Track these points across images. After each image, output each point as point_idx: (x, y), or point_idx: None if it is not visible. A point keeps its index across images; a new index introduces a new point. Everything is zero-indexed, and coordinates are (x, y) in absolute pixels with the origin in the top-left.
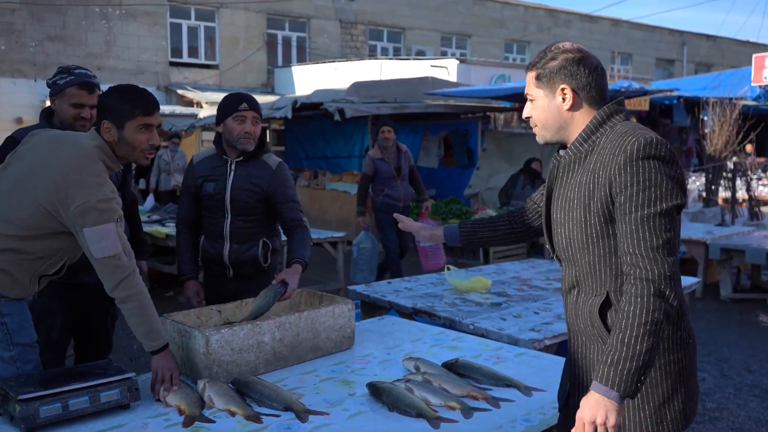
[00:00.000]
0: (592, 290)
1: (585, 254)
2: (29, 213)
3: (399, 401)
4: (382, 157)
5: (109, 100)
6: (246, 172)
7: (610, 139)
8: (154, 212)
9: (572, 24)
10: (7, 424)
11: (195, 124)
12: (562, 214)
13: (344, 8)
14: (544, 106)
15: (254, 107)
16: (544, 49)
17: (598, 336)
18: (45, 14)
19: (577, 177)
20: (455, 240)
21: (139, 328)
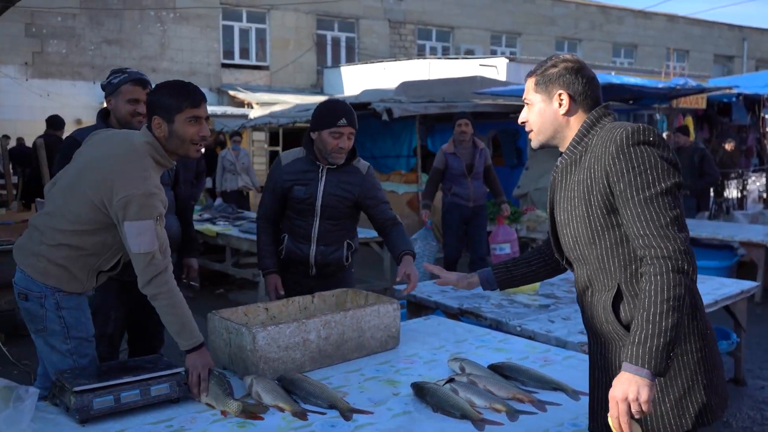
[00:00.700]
0: (603, 286)
1: (593, 249)
2: (80, 208)
3: (443, 402)
4: (455, 152)
5: (157, 96)
6: (337, 178)
7: (600, 137)
8: (205, 211)
9: (625, 20)
10: (63, 414)
11: (245, 124)
12: (565, 215)
13: (393, 8)
14: (540, 111)
15: (352, 123)
16: (546, 59)
17: (613, 332)
18: (103, 18)
19: (575, 177)
20: (492, 284)
21: (171, 326)
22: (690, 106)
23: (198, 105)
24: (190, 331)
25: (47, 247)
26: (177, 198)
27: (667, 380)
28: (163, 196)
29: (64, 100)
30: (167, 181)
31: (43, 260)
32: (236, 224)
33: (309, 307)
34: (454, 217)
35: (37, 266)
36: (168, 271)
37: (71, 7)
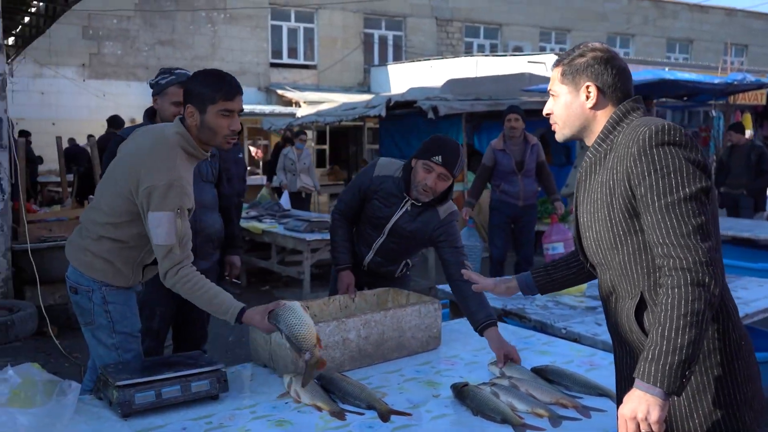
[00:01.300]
0: (627, 293)
1: (615, 255)
2: (115, 200)
3: (484, 405)
4: (504, 149)
5: (193, 84)
6: (415, 216)
7: (625, 134)
8: (253, 208)
9: (680, 15)
10: (107, 408)
11: (292, 123)
12: (587, 217)
13: (440, 6)
14: (566, 103)
15: (447, 164)
16: (571, 48)
17: (638, 342)
18: (156, 20)
19: (599, 177)
20: (531, 288)
21: (205, 308)
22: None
23: (232, 98)
24: (223, 311)
25: (91, 241)
26: (220, 195)
27: (696, 395)
28: (189, 189)
29: (119, 100)
30: (210, 178)
31: (89, 254)
32: (282, 222)
33: (350, 306)
34: (501, 215)
35: (84, 260)
36: (185, 265)
37: (126, 9)
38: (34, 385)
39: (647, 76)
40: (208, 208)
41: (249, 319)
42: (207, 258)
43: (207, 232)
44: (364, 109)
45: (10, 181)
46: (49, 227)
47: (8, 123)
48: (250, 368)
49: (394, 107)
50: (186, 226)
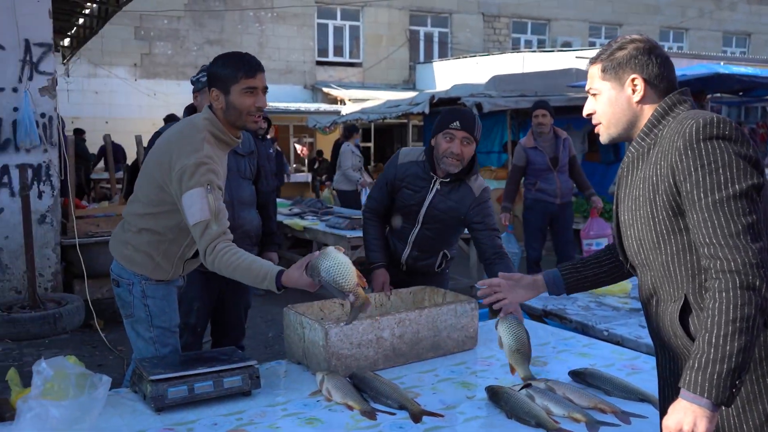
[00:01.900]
0: (669, 296)
1: (657, 255)
2: (150, 190)
3: (518, 408)
4: (536, 146)
5: (214, 67)
6: (447, 194)
7: (671, 128)
8: (295, 205)
9: (737, 7)
10: (141, 402)
11: (337, 120)
12: (629, 215)
13: (487, 1)
14: (611, 100)
15: (467, 128)
16: (608, 43)
17: (683, 347)
18: (205, 20)
19: (641, 173)
20: (559, 287)
21: (244, 280)
22: None
23: (253, 75)
24: (261, 280)
25: (132, 235)
26: (258, 192)
27: (746, 406)
28: (219, 170)
29: (170, 99)
30: (248, 175)
31: (130, 248)
32: (323, 219)
33: (385, 304)
34: (537, 214)
35: (125, 254)
36: (222, 239)
37: (176, 9)
38: (66, 377)
39: (700, 71)
40: (246, 205)
41: (288, 280)
42: None
43: (245, 229)
44: (408, 107)
45: (59, 178)
46: (96, 223)
47: (58, 121)
48: (284, 365)
49: (438, 104)
50: (219, 202)
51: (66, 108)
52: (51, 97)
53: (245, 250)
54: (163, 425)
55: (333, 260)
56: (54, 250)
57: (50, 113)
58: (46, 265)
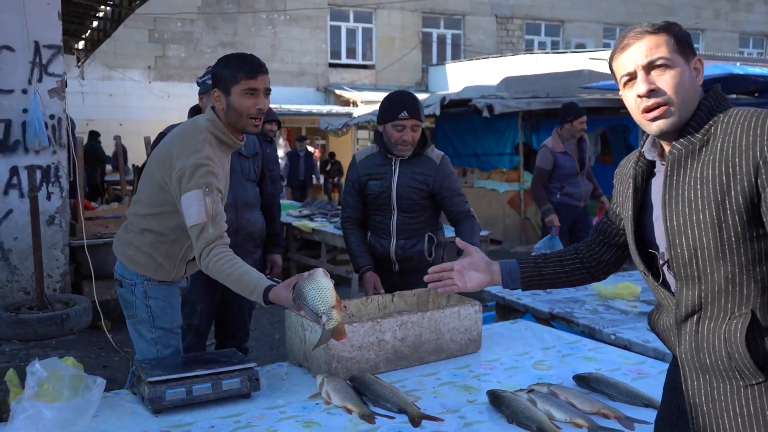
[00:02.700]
0: (725, 311)
1: (720, 266)
2: (152, 190)
3: (519, 413)
4: (565, 150)
5: (217, 68)
6: (410, 169)
7: (734, 123)
8: (305, 207)
9: (754, 7)
10: (139, 403)
11: (349, 122)
12: (680, 221)
13: (500, 3)
14: (686, 76)
15: (414, 114)
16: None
17: (734, 370)
18: (219, 23)
19: (695, 173)
20: (515, 280)
21: (235, 289)
22: None
23: (254, 76)
24: (250, 291)
25: (134, 235)
26: (262, 194)
27: None
28: (219, 172)
29: (183, 101)
30: (253, 177)
31: (132, 248)
32: (332, 221)
33: (388, 306)
34: (563, 218)
35: (127, 254)
36: (218, 244)
37: (190, 12)
38: (60, 379)
39: (715, 71)
40: (250, 206)
41: (275, 297)
42: (248, 255)
43: (248, 230)
44: None
45: (69, 179)
46: (105, 224)
47: (68, 122)
48: (285, 367)
49: (449, 105)
50: (218, 205)
51: (80, 110)
52: (60, 98)
53: (249, 252)
54: (160, 427)
55: (314, 283)
56: (62, 251)
57: (59, 115)
58: (55, 266)
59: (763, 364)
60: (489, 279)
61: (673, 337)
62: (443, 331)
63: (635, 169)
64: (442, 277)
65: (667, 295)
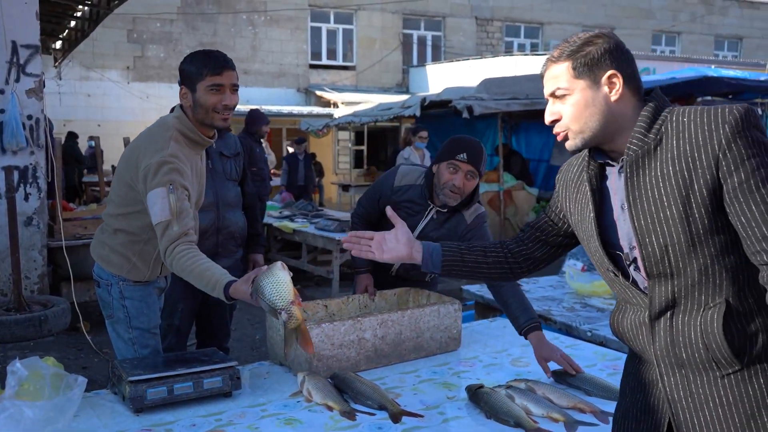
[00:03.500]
0: (699, 304)
1: (692, 260)
2: (122, 188)
3: (497, 408)
4: None
5: (182, 65)
6: (441, 222)
7: (684, 121)
8: (286, 208)
9: (729, 11)
10: (120, 403)
11: (329, 123)
12: (650, 219)
13: (480, 5)
14: (586, 101)
15: (474, 161)
16: (567, 40)
17: (711, 361)
18: (199, 23)
19: (654, 171)
20: (435, 263)
21: (198, 285)
22: None
23: (219, 72)
24: (210, 286)
25: (108, 235)
26: (244, 194)
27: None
28: (185, 170)
29: (162, 102)
30: (234, 176)
31: (107, 248)
32: (313, 221)
33: (369, 305)
34: None
35: (103, 254)
36: (183, 241)
37: (169, 12)
38: (41, 378)
39: (689, 74)
40: (231, 206)
41: (235, 292)
42: (230, 255)
43: (230, 230)
44: (400, 109)
45: (46, 180)
46: (84, 225)
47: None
48: (266, 366)
49: (430, 107)
50: (182, 202)
51: (58, 111)
52: (38, 99)
53: (231, 251)
54: (141, 426)
55: (271, 277)
56: (40, 253)
57: (37, 115)
58: (33, 267)
59: (738, 352)
60: (407, 253)
61: (642, 336)
62: (423, 329)
63: (588, 173)
64: (360, 243)
65: (637, 294)
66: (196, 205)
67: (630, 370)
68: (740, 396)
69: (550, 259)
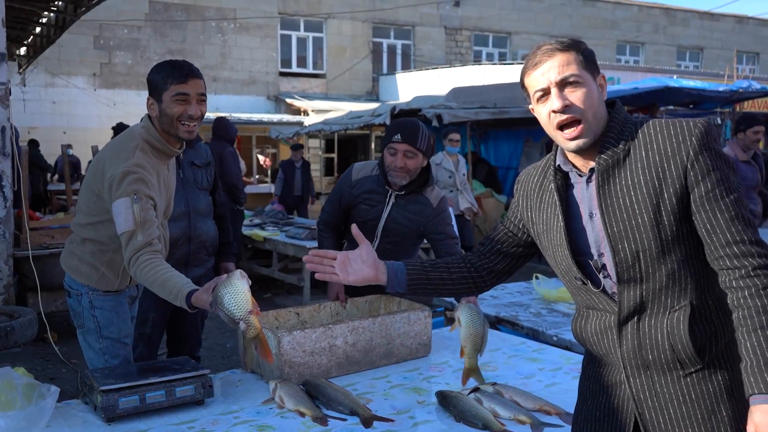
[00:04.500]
0: (665, 307)
1: (661, 265)
2: (89, 197)
3: (466, 412)
4: (748, 160)
5: (150, 74)
6: (405, 206)
7: (653, 133)
8: (256, 216)
9: (690, 22)
10: (91, 413)
11: (300, 131)
12: (622, 226)
13: (449, 15)
14: (593, 94)
15: (409, 139)
16: (549, 42)
17: (676, 360)
18: (167, 30)
19: (625, 180)
20: (401, 282)
21: (161, 295)
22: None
23: (184, 81)
24: (174, 295)
25: (77, 245)
26: (215, 203)
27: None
28: (150, 179)
29: (130, 109)
30: (205, 186)
31: (75, 258)
32: (284, 230)
33: (341, 312)
34: None
35: (71, 264)
36: (146, 251)
37: (137, 19)
38: (13, 388)
39: (652, 84)
40: (202, 215)
41: (196, 301)
42: (201, 264)
43: (201, 239)
44: (370, 118)
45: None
46: (51, 234)
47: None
48: (238, 374)
49: (399, 115)
50: (147, 212)
51: (22, 118)
52: (4, 107)
53: (202, 261)
54: None
55: (230, 287)
56: (6, 263)
57: (3, 123)
58: None
59: (701, 351)
60: (373, 275)
61: (607, 340)
62: (393, 336)
63: (555, 182)
64: (323, 263)
65: (604, 299)
66: (165, 214)
67: (590, 374)
68: (701, 393)
69: (511, 270)
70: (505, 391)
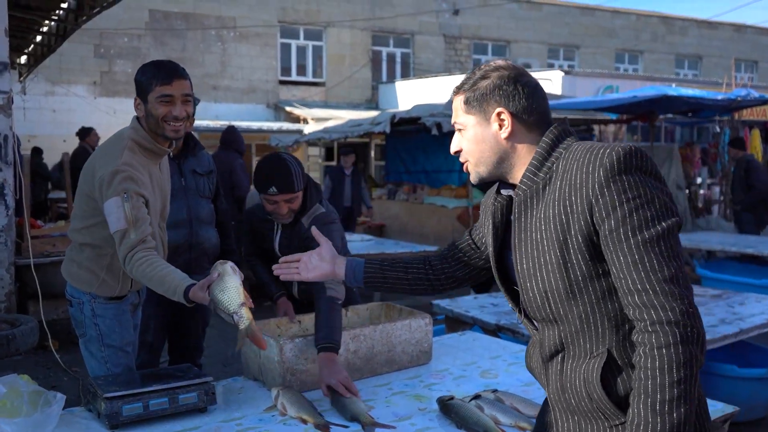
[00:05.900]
0: (584, 351)
1: (572, 307)
2: (84, 200)
3: (467, 419)
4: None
5: (136, 75)
6: (290, 233)
7: (571, 160)
8: None
9: (688, 31)
10: (95, 420)
11: (299, 139)
12: (530, 264)
13: (448, 23)
14: (477, 137)
15: (284, 188)
16: (473, 71)
17: (597, 411)
18: (167, 38)
19: (539, 213)
20: (358, 278)
21: (159, 291)
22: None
23: (169, 82)
24: (171, 290)
25: (75, 252)
26: (217, 211)
27: None
28: (140, 178)
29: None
30: (207, 193)
31: (75, 265)
32: None
33: (343, 320)
34: None
35: (72, 271)
36: (141, 248)
37: (137, 28)
38: (20, 395)
39: (650, 92)
40: (204, 223)
41: (194, 297)
42: (203, 272)
43: (203, 247)
44: (370, 126)
45: (14, 197)
46: (52, 242)
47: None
48: (240, 381)
49: (399, 123)
50: (139, 210)
51: (22, 126)
52: (6, 116)
53: (204, 268)
54: None
55: (222, 284)
56: (8, 270)
57: (5, 132)
58: (0, 286)
59: (621, 404)
60: (331, 270)
61: (541, 375)
62: (395, 343)
63: (494, 206)
64: (290, 267)
65: (534, 332)
66: (161, 215)
67: (544, 407)
68: None
69: (473, 279)
70: (506, 398)
